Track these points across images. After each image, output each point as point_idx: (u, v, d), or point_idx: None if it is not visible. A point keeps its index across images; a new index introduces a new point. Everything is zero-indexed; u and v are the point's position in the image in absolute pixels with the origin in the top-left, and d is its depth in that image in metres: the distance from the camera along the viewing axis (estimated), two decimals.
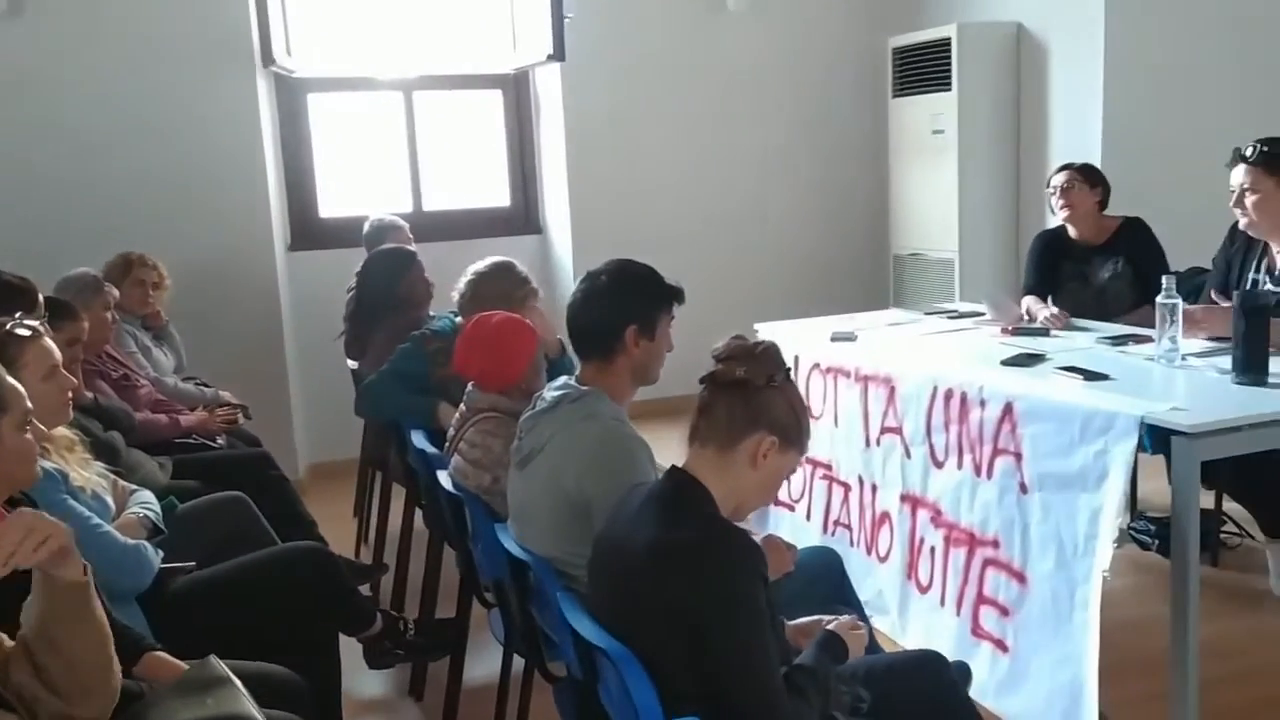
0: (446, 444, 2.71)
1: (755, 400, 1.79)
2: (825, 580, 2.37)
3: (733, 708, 1.64)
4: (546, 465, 2.13)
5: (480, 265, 3.10)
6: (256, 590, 2.46)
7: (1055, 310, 3.72)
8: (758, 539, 1.81)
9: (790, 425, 1.81)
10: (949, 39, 5.30)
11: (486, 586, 2.61)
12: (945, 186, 5.46)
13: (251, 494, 3.14)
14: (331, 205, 5.68)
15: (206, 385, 4.22)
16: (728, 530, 1.72)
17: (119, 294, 3.90)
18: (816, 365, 3.73)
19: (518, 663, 2.53)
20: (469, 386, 2.69)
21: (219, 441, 3.86)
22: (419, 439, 2.97)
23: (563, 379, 2.24)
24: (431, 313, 3.88)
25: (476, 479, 2.50)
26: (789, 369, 1.86)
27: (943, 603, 3.09)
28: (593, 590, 1.87)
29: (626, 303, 2.18)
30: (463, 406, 2.67)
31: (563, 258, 5.94)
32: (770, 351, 1.82)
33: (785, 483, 3.88)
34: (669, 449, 2.17)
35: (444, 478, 2.60)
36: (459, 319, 3.18)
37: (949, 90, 5.34)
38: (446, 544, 3.07)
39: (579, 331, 2.21)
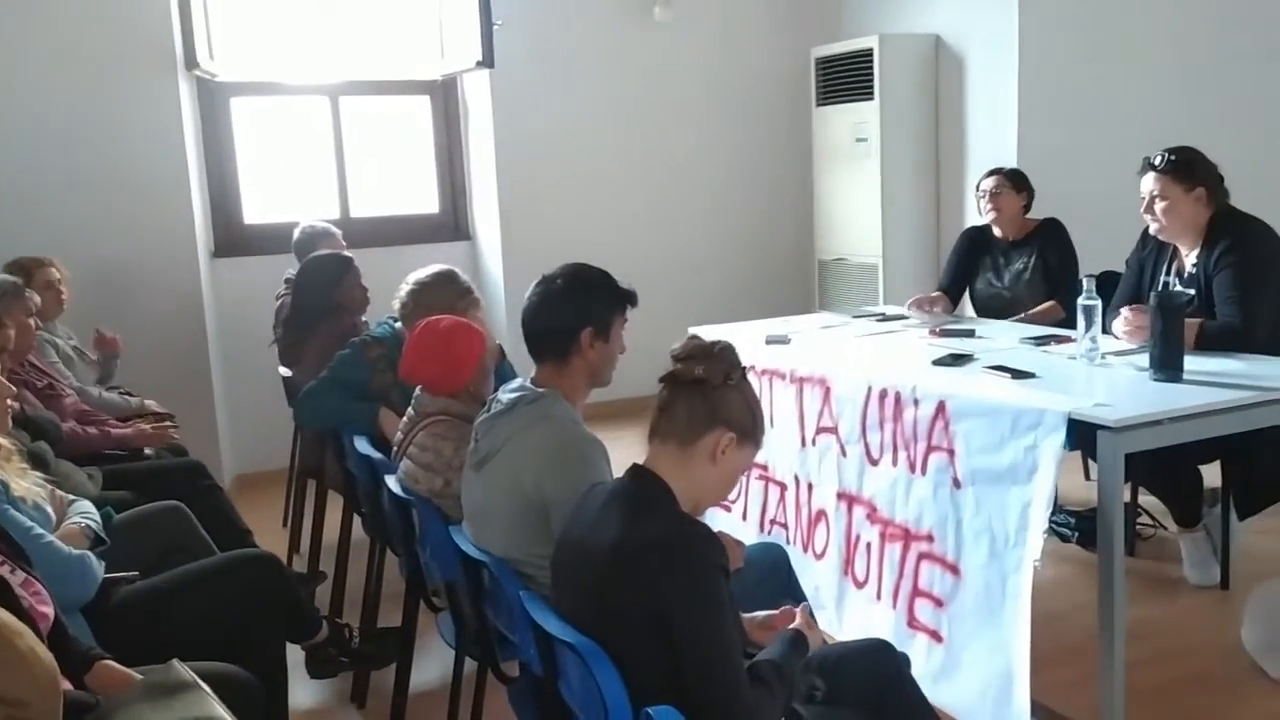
0: (394, 448, 2.70)
1: (713, 398, 1.84)
2: (773, 576, 2.43)
3: (698, 698, 1.69)
4: (504, 467, 2.15)
5: (423, 274, 3.10)
6: (205, 598, 2.43)
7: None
8: None
9: (747, 422, 1.87)
10: (871, 49, 5.45)
11: (435, 590, 2.62)
12: (868, 193, 5.61)
13: (185, 504, 3.09)
14: (257, 212, 5.59)
15: (130, 395, 4.12)
16: (691, 525, 1.77)
17: (39, 300, 3.80)
18: (751, 367, 3.78)
19: (469, 665, 2.54)
20: (417, 391, 2.69)
21: (147, 452, 3.78)
22: (362, 444, 2.96)
23: (518, 381, 2.26)
24: (366, 318, 3.86)
25: (428, 482, 2.51)
26: (744, 368, 1.92)
27: (879, 596, 3.18)
28: (556, 590, 1.90)
29: (582, 306, 2.22)
30: (410, 411, 2.67)
31: (492, 264, 5.94)
32: (727, 351, 1.88)
33: None
34: (620, 449, 2.22)
35: (392, 482, 2.60)
36: (399, 325, 3.17)
37: (871, 99, 5.48)
38: (389, 550, 3.06)
39: (535, 334, 2.24)
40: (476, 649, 2.39)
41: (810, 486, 3.52)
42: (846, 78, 5.64)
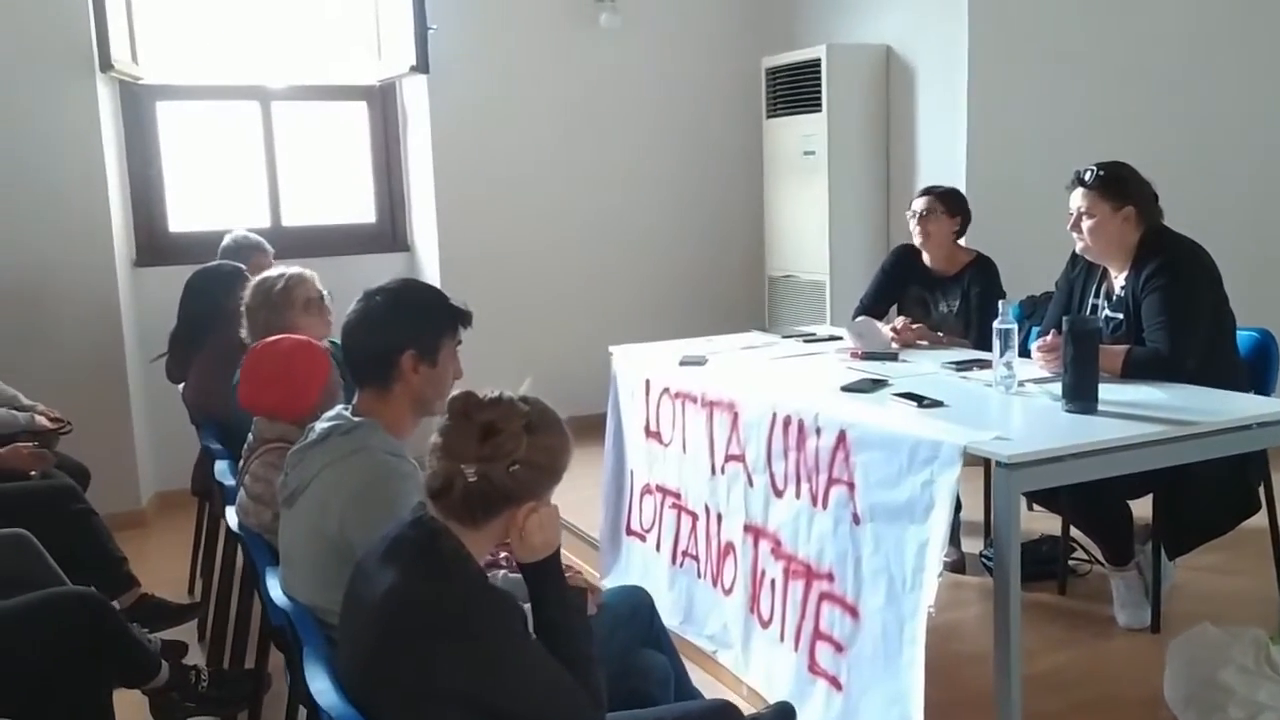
0: (237, 478, 2.51)
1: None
2: (632, 621, 2.24)
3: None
4: (310, 504, 1.94)
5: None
6: (16, 641, 2.23)
7: (899, 324, 3.73)
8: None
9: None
10: (819, 60, 5.25)
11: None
12: (816, 208, 5.41)
13: (51, 530, 2.92)
14: (183, 219, 5.40)
15: (18, 410, 3.88)
16: (485, 594, 1.59)
17: None
18: (666, 390, 3.60)
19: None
20: (256, 416, 2.49)
21: (34, 475, 3.54)
22: (223, 470, 2.76)
23: (336, 409, 2.07)
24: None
25: (258, 515, 2.30)
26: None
27: (782, 638, 2.97)
28: (340, 645, 1.70)
29: (404, 325, 2.02)
30: (250, 437, 2.47)
31: (431, 276, 5.73)
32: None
33: (637, 510, 3.79)
34: None
35: (231, 514, 2.41)
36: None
37: (819, 111, 5.29)
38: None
39: (353, 356, 2.04)
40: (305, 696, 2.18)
41: (720, 517, 3.32)
42: (795, 89, 5.45)
